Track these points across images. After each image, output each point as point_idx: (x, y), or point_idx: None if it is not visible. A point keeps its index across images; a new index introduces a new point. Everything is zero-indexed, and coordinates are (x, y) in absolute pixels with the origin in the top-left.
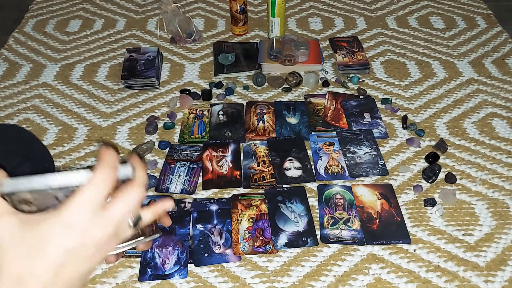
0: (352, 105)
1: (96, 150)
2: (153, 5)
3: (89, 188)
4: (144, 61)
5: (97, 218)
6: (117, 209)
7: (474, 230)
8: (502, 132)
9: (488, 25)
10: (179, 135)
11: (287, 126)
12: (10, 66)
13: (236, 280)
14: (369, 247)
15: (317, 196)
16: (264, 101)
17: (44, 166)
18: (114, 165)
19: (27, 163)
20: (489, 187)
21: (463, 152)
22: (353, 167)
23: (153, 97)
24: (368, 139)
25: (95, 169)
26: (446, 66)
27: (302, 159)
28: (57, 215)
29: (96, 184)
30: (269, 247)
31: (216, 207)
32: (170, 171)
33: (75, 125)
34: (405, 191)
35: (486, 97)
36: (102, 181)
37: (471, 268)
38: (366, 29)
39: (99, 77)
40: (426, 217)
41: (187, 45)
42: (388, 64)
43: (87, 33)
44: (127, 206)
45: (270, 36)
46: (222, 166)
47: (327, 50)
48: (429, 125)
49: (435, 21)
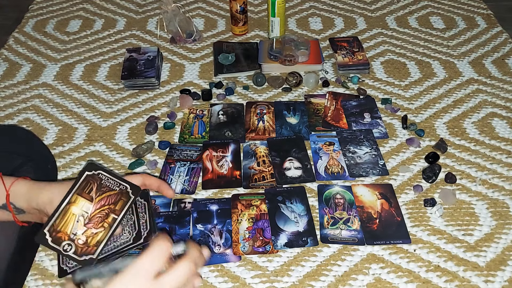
0: (352, 105)
1: None
2: (153, 5)
3: (146, 258)
4: (144, 61)
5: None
6: (168, 280)
7: (474, 230)
8: (502, 132)
9: (488, 25)
10: (179, 135)
11: (287, 126)
12: (10, 66)
13: (236, 280)
14: (369, 247)
15: (317, 196)
16: (264, 101)
17: (47, 167)
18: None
19: (29, 164)
20: (489, 187)
21: (463, 152)
22: (353, 167)
23: (153, 97)
24: (368, 139)
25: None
26: (446, 66)
27: (302, 159)
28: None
29: (152, 255)
30: (269, 247)
31: (216, 207)
32: (170, 171)
33: (75, 125)
34: (405, 191)
35: (486, 97)
36: (158, 252)
37: (471, 268)
38: (366, 29)
39: (99, 77)
40: (426, 217)
41: (187, 45)
42: (388, 64)
43: (87, 33)
44: (176, 277)
45: (270, 36)
46: (222, 166)
47: (327, 50)
48: (429, 125)
49: (435, 21)
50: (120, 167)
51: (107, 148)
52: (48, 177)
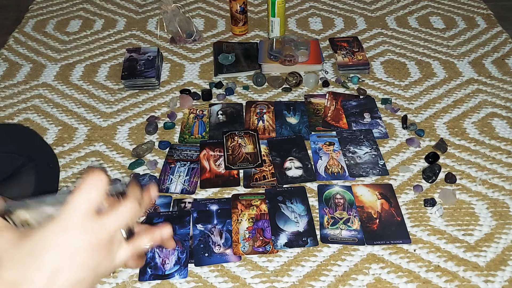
0: (352, 105)
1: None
2: (153, 5)
3: (78, 195)
4: (144, 61)
5: (89, 223)
6: (110, 217)
7: (474, 230)
8: (502, 132)
9: (488, 25)
10: (179, 135)
11: (287, 126)
12: (10, 66)
13: (236, 280)
14: (369, 247)
15: (317, 196)
16: (264, 100)
17: (48, 167)
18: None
19: (31, 164)
20: (489, 187)
21: (463, 152)
22: (353, 167)
23: (153, 97)
24: (368, 139)
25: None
26: (446, 66)
27: (302, 159)
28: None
29: (85, 190)
30: (269, 247)
31: (216, 207)
32: (170, 171)
33: (75, 125)
34: (405, 191)
35: (486, 97)
36: (91, 187)
37: (471, 268)
38: (366, 29)
39: (99, 77)
40: (426, 217)
41: (187, 45)
42: (388, 64)
43: (87, 33)
44: (120, 217)
45: (270, 36)
46: (220, 165)
47: (327, 50)
48: (429, 125)
49: (435, 21)
50: (120, 167)
51: (107, 148)
52: (50, 177)
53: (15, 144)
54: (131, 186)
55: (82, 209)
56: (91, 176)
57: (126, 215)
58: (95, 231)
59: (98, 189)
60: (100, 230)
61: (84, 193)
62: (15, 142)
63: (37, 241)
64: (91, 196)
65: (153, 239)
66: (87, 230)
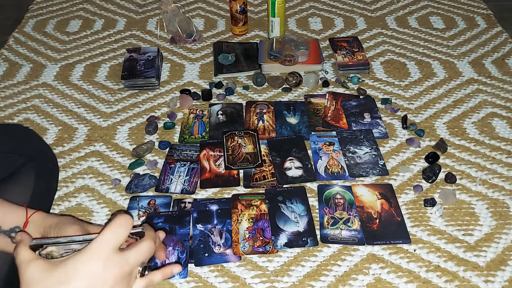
0: (352, 105)
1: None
2: (153, 5)
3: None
4: (144, 61)
5: (115, 256)
6: (132, 253)
7: (474, 230)
8: (502, 132)
9: (488, 25)
10: (179, 135)
11: (287, 126)
12: (10, 66)
13: (236, 280)
14: (369, 247)
15: (317, 196)
16: (264, 100)
17: (48, 167)
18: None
19: (30, 164)
20: (489, 187)
21: (463, 152)
22: (353, 167)
23: (153, 97)
24: (368, 139)
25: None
26: (446, 66)
27: (302, 159)
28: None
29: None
30: (269, 247)
31: (216, 207)
32: (170, 171)
33: (75, 125)
34: (405, 191)
35: (486, 97)
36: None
37: (471, 268)
38: (366, 29)
39: (99, 77)
40: (426, 217)
41: (187, 45)
42: (388, 64)
43: (87, 33)
44: (140, 253)
45: (270, 36)
46: (220, 165)
47: (327, 50)
48: (429, 125)
49: (435, 21)
50: (120, 167)
51: (107, 148)
52: (49, 177)
53: (15, 144)
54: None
55: (110, 244)
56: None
57: (145, 252)
58: (119, 264)
59: (126, 229)
60: (123, 264)
61: (114, 231)
62: (15, 142)
63: (68, 268)
64: (119, 234)
65: (165, 276)
66: (112, 262)
